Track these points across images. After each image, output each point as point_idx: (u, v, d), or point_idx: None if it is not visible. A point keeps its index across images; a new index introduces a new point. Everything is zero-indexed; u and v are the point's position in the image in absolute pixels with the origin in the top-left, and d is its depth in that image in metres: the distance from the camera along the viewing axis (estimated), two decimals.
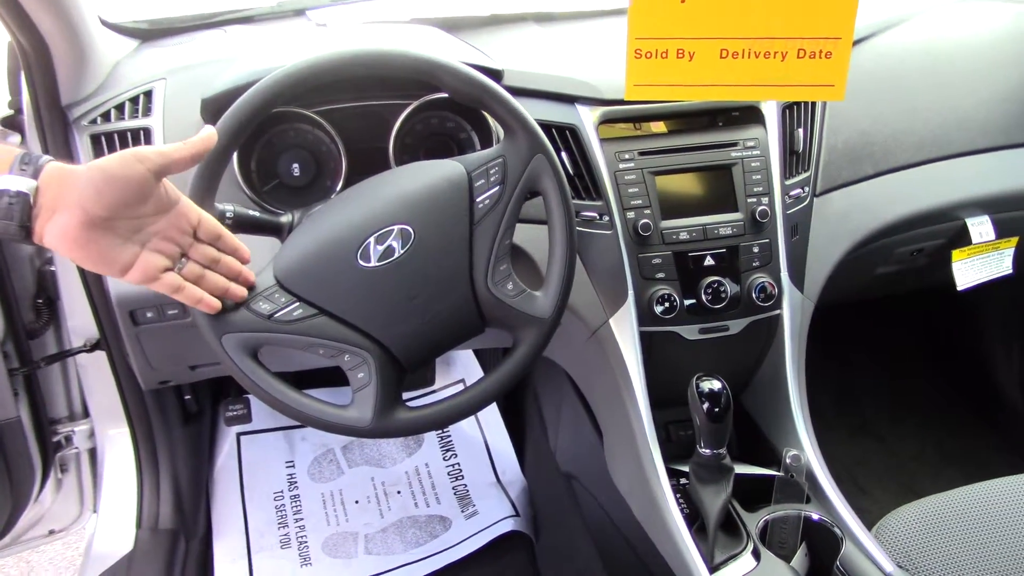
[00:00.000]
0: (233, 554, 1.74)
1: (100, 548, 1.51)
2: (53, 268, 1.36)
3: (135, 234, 0.82)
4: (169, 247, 0.84)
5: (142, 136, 1.18)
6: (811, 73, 0.97)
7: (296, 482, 1.92)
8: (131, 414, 1.51)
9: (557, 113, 1.23)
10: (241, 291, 0.91)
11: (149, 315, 1.20)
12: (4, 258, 1.33)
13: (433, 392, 2.09)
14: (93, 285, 1.26)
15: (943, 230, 1.47)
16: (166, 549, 1.54)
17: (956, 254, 1.47)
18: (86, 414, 1.54)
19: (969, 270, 1.48)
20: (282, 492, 1.89)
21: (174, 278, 0.85)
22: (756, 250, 1.23)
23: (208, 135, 0.86)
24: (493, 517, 1.81)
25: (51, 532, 1.62)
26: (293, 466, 1.95)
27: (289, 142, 1.20)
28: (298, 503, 1.87)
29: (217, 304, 0.89)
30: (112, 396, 1.49)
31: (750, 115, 1.28)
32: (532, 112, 1.00)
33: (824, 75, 0.98)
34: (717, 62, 0.97)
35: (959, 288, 1.47)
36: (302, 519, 1.83)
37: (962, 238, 1.46)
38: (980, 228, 1.45)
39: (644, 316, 1.21)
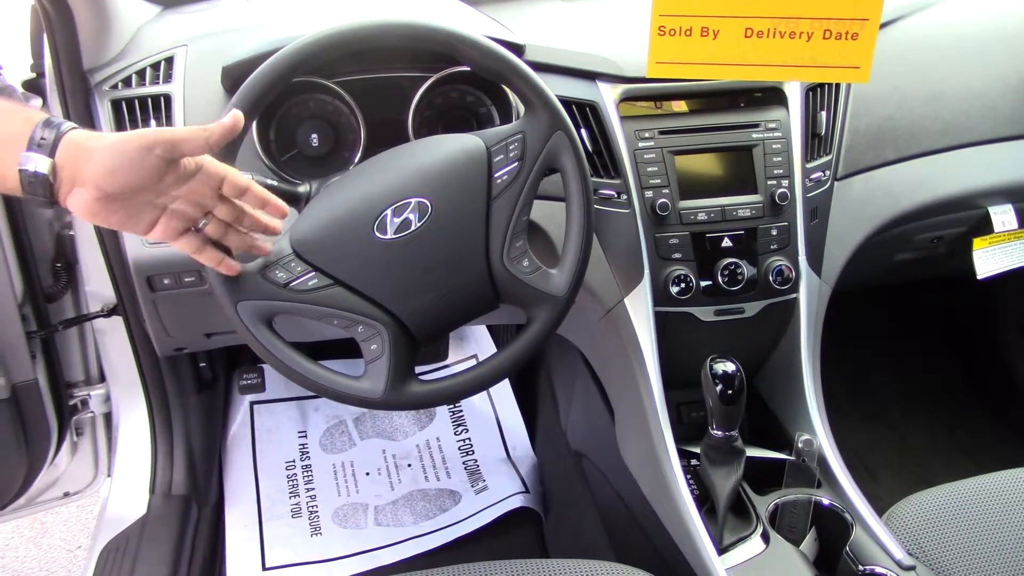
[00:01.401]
0: (244, 521, 1.76)
1: (114, 512, 1.53)
2: (72, 232, 1.36)
3: (157, 198, 0.82)
4: (192, 209, 0.85)
5: (163, 103, 1.18)
6: (836, 54, 0.96)
7: (308, 452, 1.93)
8: (146, 380, 1.53)
9: (578, 89, 1.22)
10: (265, 247, 0.91)
11: (166, 281, 1.20)
12: (24, 221, 1.34)
13: (446, 367, 2.10)
14: (111, 250, 1.26)
15: (965, 218, 1.46)
16: (179, 515, 1.56)
17: (977, 243, 1.46)
18: (102, 378, 1.56)
19: (990, 259, 1.46)
20: (294, 462, 1.91)
21: (194, 239, 0.86)
22: (774, 233, 1.22)
23: (233, 119, 0.84)
24: (502, 493, 1.82)
25: (66, 494, 1.64)
26: (305, 436, 1.97)
27: (308, 112, 1.20)
28: (309, 473, 1.88)
29: (237, 267, 0.89)
30: (128, 361, 1.50)
31: (773, 96, 1.27)
32: (553, 88, 1.00)
33: (850, 57, 0.96)
34: (741, 41, 0.96)
35: (979, 277, 1.46)
36: (313, 489, 1.85)
37: (984, 226, 1.45)
38: (1003, 217, 1.43)
39: (659, 296, 1.21)
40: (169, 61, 1.21)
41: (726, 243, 1.21)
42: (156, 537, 1.49)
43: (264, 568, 1.67)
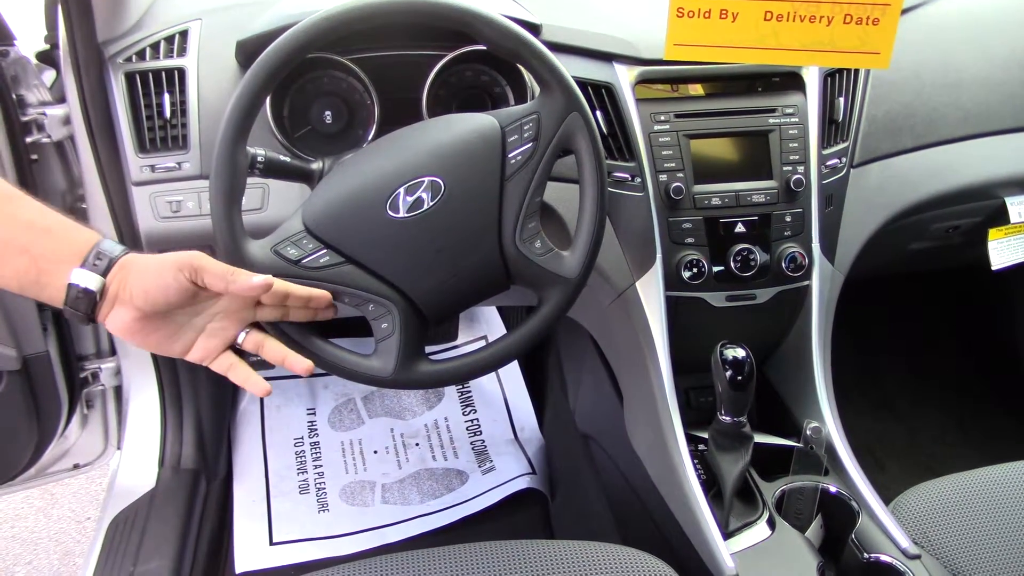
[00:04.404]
0: (252, 496, 1.77)
1: (123, 484, 1.54)
2: (84, 206, 1.36)
3: (193, 319, 0.84)
4: (229, 324, 0.86)
5: (176, 76, 1.17)
6: (857, 39, 0.95)
7: (316, 429, 1.94)
8: (157, 354, 1.53)
9: (594, 71, 1.21)
10: (302, 364, 0.89)
11: None
12: (36, 194, 1.34)
13: (455, 347, 2.10)
14: (123, 225, 1.27)
15: (981, 208, 1.45)
16: (187, 488, 1.56)
17: (993, 233, 1.45)
18: (113, 352, 1.56)
19: (1005, 250, 1.45)
20: (302, 439, 1.91)
21: (226, 360, 0.87)
22: (788, 219, 1.22)
23: (265, 282, 0.83)
24: (509, 473, 1.82)
25: (75, 466, 1.65)
26: (314, 414, 1.97)
27: (322, 89, 1.20)
28: (318, 450, 1.89)
29: (266, 387, 0.88)
30: None
31: (790, 81, 1.26)
32: (569, 69, 0.99)
33: (870, 42, 0.95)
34: (761, 24, 0.95)
35: (993, 268, 1.45)
36: (321, 466, 1.86)
37: (1000, 217, 1.44)
38: (1020, 207, 1.42)
39: (671, 281, 1.20)
40: (183, 35, 1.21)
41: (739, 228, 1.20)
42: (165, 510, 1.50)
43: (271, 543, 1.69)
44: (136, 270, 0.80)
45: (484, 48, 1.00)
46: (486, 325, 2.15)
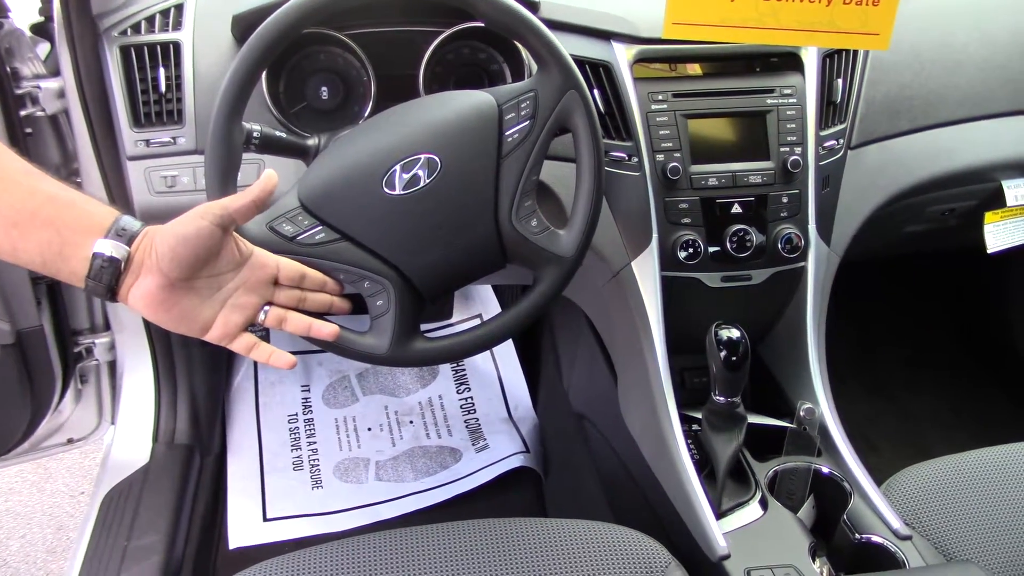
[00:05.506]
0: (246, 472, 1.77)
1: (117, 459, 1.54)
2: (78, 180, 1.36)
3: (215, 292, 0.83)
4: (250, 300, 0.86)
5: (172, 50, 1.16)
6: (856, 20, 0.95)
7: (311, 406, 1.94)
8: (151, 329, 1.53)
9: (592, 49, 1.20)
10: (328, 328, 0.90)
11: None
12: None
13: (451, 325, 2.10)
14: (118, 198, 1.26)
15: (977, 191, 1.45)
16: (181, 464, 1.57)
17: (989, 216, 1.45)
18: (107, 326, 1.56)
19: (1001, 233, 1.45)
20: (296, 415, 1.92)
21: (248, 339, 0.86)
22: (785, 200, 1.21)
23: (266, 178, 0.84)
24: (503, 452, 1.83)
25: (69, 441, 1.65)
26: (308, 390, 1.98)
27: (318, 65, 1.19)
28: (312, 427, 1.90)
29: (291, 359, 0.87)
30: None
31: (789, 62, 1.25)
32: (566, 47, 0.98)
33: (870, 23, 0.95)
34: (760, 3, 0.95)
35: (989, 251, 1.45)
36: (315, 443, 1.86)
37: (996, 200, 1.44)
38: (1016, 191, 1.42)
39: (667, 261, 1.20)
40: (179, 8, 1.20)
41: (736, 209, 1.20)
42: (158, 485, 1.50)
43: (265, 519, 1.69)
44: (160, 233, 0.80)
45: (482, 25, 1.00)
46: (481, 304, 2.15)
